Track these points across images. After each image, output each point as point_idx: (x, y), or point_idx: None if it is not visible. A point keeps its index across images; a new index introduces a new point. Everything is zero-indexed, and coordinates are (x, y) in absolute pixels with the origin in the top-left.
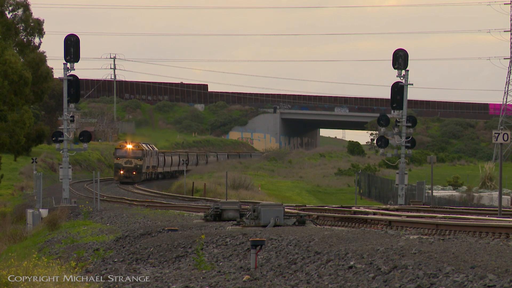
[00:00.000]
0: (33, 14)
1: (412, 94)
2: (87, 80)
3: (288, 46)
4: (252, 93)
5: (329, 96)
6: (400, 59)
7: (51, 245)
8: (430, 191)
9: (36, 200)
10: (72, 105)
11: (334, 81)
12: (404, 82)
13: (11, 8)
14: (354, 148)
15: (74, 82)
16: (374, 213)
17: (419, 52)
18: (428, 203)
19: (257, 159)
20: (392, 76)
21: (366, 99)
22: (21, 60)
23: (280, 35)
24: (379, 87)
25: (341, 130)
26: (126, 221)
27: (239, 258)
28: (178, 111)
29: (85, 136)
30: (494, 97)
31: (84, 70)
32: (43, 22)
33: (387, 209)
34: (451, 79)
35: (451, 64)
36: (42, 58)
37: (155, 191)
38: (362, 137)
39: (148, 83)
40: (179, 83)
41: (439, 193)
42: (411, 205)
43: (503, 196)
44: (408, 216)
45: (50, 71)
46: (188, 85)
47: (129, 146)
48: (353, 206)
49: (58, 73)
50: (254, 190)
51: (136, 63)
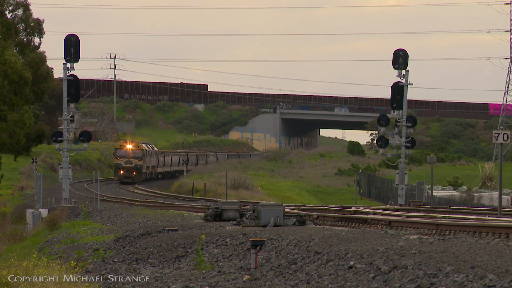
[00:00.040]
0: (33, 14)
1: (412, 94)
2: (87, 80)
3: (288, 46)
4: (252, 93)
5: (329, 96)
6: (400, 59)
7: (51, 245)
8: (430, 191)
9: (36, 200)
10: (72, 105)
11: (334, 81)
12: (404, 82)
13: (11, 8)
14: (354, 148)
15: (74, 82)
16: (374, 213)
17: (419, 52)
18: (428, 203)
19: (257, 159)
20: (392, 76)
21: (366, 99)
22: (21, 60)
23: (280, 35)
24: (379, 87)
25: (341, 130)
26: (126, 221)
27: (239, 258)
28: (178, 111)
29: (85, 136)
30: (494, 97)
31: (84, 70)
32: (43, 22)
33: (387, 209)
34: (451, 79)
35: (451, 64)
36: (42, 58)
37: (155, 191)
38: (362, 137)
39: (148, 83)
40: (179, 83)
41: (439, 193)
42: (411, 205)
43: (503, 196)
44: (408, 216)
45: (50, 71)
46: (188, 85)
47: (129, 146)
48: (353, 206)
49: (58, 73)
50: (254, 190)
51: (136, 63)
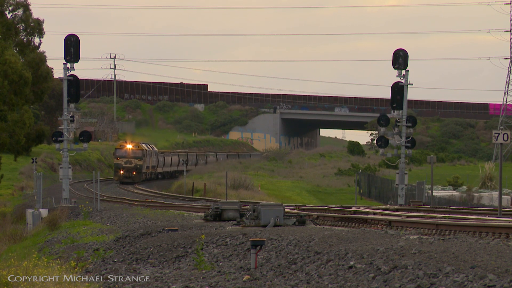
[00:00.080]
0: (33, 14)
1: (412, 94)
2: (87, 80)
3: (288, 46)
4: (252, 93)
5: (329, 96)
6: (400, 59)
7: (51, 245)
8: (430, 191)
9: (36, 200)
10: (72, 105)
11: (334, 81)
12: (404, 82)
13: (11, 8)
14: (354, 148)
15: (74, 82)
16: (374, 213)
17: (419, 52)
18: (428, 203)
19: (257, 159)
20: (392, 76)
21: (366, 99)
22: (21, 60)
23: (280, 35)
24: (379, 87)
25: (341, 130)
26: (126, 221)
27: (239, 258)
28: (178, 111)
29: (85, 136)
30: (494, 97)
31: (84, 70)
32: (43, 22)
33: (387, 209)
34: (451, 79)
35: (451, 64)
36: (42, 58)
37: (155, 191)
38: (362, 137)
39: (148, 83)
40: (179, 83)
41: (439, 193)
42: (411, 205)
43: (503, 196)
44: (408, 216)
45: (50, 71)
46: (188, 85)
47: (129, 146)
48: (353, 206)
49: (58, 73)
50: (254, 190)
51: (136, 63)
